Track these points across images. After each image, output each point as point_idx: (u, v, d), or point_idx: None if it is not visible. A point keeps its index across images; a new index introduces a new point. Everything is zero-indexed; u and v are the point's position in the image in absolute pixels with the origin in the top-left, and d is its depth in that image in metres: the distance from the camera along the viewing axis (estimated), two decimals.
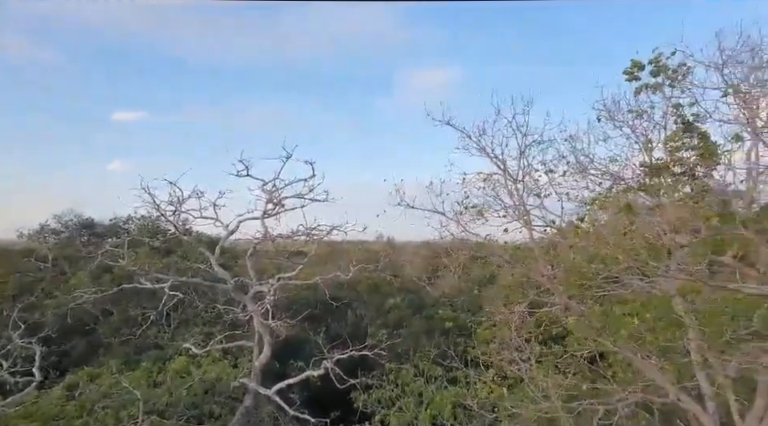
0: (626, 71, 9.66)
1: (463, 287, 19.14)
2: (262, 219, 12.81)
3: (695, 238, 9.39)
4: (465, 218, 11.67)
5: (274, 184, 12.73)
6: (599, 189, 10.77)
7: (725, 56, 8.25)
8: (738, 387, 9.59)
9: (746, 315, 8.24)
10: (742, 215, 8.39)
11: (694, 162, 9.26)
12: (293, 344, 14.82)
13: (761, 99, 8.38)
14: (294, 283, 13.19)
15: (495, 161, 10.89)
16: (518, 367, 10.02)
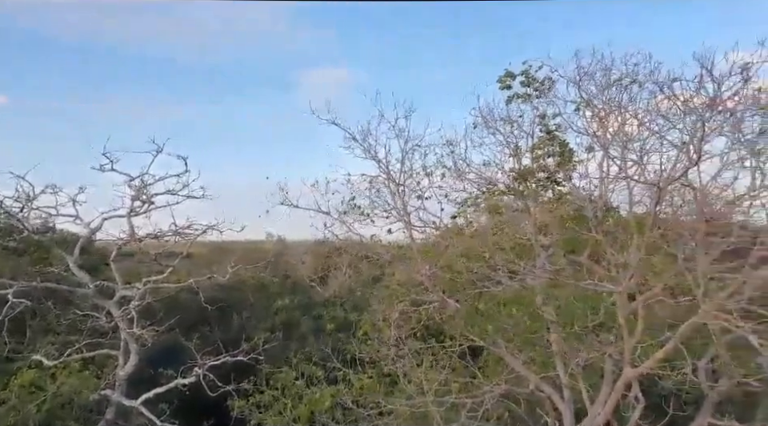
0: (499, 80, 10.26)
1: (353, 286, 19.17)
2: (128, 218, 11.79)
3: (557, 239, 10.24)
4: (349, 218, 11.66)
5: (142, 180, 11.79)
6: (476, 192, 11.35)
7: (581, 73, 9.00)
8: (591, 375, 10.57)
9: (593, 310, 9.12)
10: (593, 219, 9.24)
11: (554, 169, 10.07)
12: (167, 351, 13.88)
13: (610, 114, 9.25)
14: (167, 286, 12.30)
15: (379, 163, 10.99)
16: (395, 365, 10.22)
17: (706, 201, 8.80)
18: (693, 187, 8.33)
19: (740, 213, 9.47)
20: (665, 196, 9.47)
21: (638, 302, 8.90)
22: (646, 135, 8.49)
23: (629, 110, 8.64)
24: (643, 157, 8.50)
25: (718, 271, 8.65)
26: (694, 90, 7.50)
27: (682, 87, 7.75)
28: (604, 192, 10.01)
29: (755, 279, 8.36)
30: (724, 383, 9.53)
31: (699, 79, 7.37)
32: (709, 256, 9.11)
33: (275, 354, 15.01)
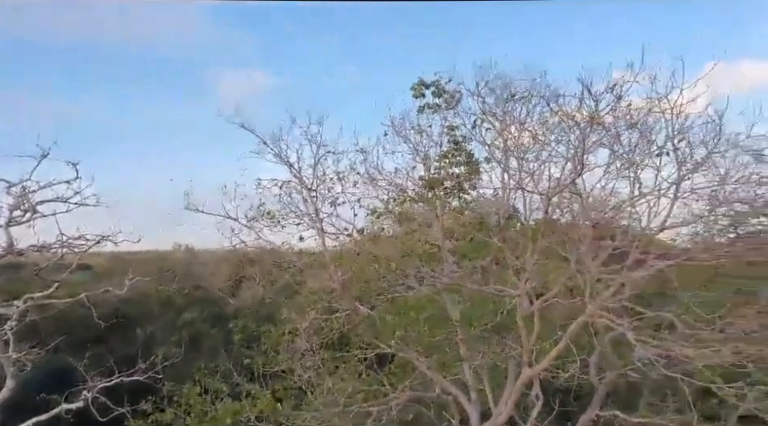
0: (412, 88, 10.57)
1: (266, 296, 18.64)
2: (5, 228, 10.58)
3: (462, 245, 10.68)
4: (259, 224, 11.39)
5: (24, 186, 10.65)
6: (388, 198, 11.54)
7: (482, 87, 9.51)
8: (497, 376, 11.05)
9: (495, 313, 9.60)
10: (495, 226, 9.78)
11: (461, 178, 10.52)
12: (53, 374, 12.68)
13: (509, 127, 9.82)
14: (54, 302, 11.19)
15: (290, 168, 10.85)
16: (305, 376, 10.09)
17: (591, 208, 9.60)
18: (579, 196, 9.03)
19: (623, 219, 10.44)
20: (557, 204, 10.25)
21: (535, 304, 9.48)
22: (538, 147, 9.09)
23: (525, 123, 9.23)
24: (535, 168, 9.10)
25: (604, 272, 9.46)
26: (575, 106, 8.19)
27: (565, 103, 8.44)
28: (505, 200, 10.59)
29: (632, 280, 9.25)
30: (610, 376, 10.37)
31: (581, 96, 8.06)
32: (596, 259, 9.94)
33: (181, 370, 14.22)
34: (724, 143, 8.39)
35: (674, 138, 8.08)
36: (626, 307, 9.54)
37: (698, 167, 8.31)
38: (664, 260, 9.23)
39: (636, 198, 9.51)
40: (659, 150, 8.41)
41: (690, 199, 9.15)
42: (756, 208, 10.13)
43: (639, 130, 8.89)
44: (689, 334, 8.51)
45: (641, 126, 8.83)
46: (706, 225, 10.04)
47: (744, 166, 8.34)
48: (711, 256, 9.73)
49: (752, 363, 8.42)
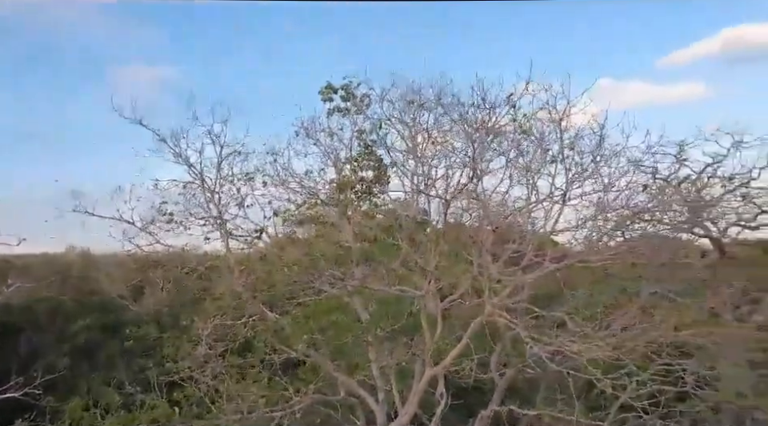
0: (321, 92, 10.50)
1: (169, 301, 17.68)
2: None
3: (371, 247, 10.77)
4: (157, 227, 10.78)
5: None
6: (299, 200, 11.38)
7: (387, 92, 9.70)
8: (406, 376, 11.23)
9: (401, 314, 9.80)
10: (403, 229, 9.95)
11: (371, 182, 10.63)
12: None
13: (418, 134, 10.08)
14: None
15: (191, 168, 10.38)
16: (206, 383, 9.67)
17: (492, 213, 10.10)
18: (479, 200, 9.45)
19: (522, 223, 11.06)
20: (466, 208, 10.65)
21: (438, 305, 9.79)
22: (442, 154, 9.41)
23: (431, 130, 9.52)
24: (438, 173, 9.44)
25: (504, 274, 9.96)
26: (474, 114, 8.59)
27: (465, 111, 8.82)
28: (414, 204, 10.84)
29: (528, 281, 9.83)
30: (509, 373, 10.92)
31: (479, 105, 8.46)
32: (497, 262, 10.45)
33: (70, 383, 13.12)
34: (608, 153, 9.22)
35: (563, 149, 8.69)
36: (525, 307, 10.16)
37: (584, 176, 9.02)
38: (558, 262, 9.90)
39: (533, 204, 10.13)
40: (551, 159, 9.00)
41: (580, 205, 9.94)
42: (637, 213, 11.17)
43: (535, 140, 9.49)
44: (579, 331, 9.15)
45: (536, 136, 9.44)
46: (596, 229, 10.85)
47: (624, 174, 9.16)
48: (600, 258, 10.59)
49: (630, 357, 9.28)
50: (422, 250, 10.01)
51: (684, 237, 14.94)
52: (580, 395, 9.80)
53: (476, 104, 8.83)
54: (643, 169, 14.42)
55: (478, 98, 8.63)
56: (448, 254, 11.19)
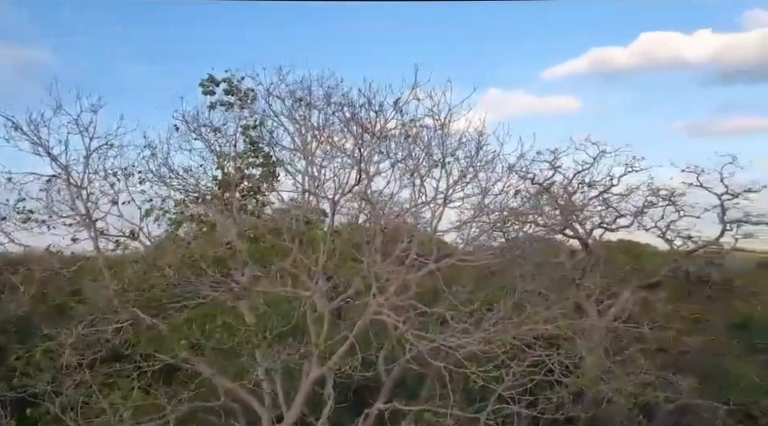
0: (202, 84, 9.98)
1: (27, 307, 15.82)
2: None
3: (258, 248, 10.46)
4: (12, 225, 9.63)
5: None
6: (180, 198, 10.72)
7: (274, 88, 9.49)
8: (294, 378, 11.03)
9: (289, 314, 9.62)
10: (291, 229, 9.76)
11: (258, 180, 10.31)
12: None
13: (308, 133, 9.96)
14: None
15: (54, 161, 9.39)
16: (68, 396, 8.77)
17: (381, 213, 10.28)
18: (368, 201, 9.57)
19: (410, 224, 11.38)
20: (361, 209, 10.71)
21: (326, 305, 9.75)
22: (332, 154, 9.40)
23: (321, 129, 9.46)
24: (327, 173, 9.42)
25: (392, 273, 10.17)
26: (363, 116, 8.70)
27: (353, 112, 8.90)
28: (306, 204, 10.70)
29: (413, 279, 10.15)
30: (396, 370, 11.17)
31: (367, 107, 8.58)
32: (385, 261, 10.65)
33: None
34: (487, 160, 9.78)
35: (444, 154, 9.08)
36: (412, 304, 10.45)
37: (465, 180, 9.51)
38: (442, 261, 10.31)
39: (420, 205, 10.47)
40: (435, 163, 9.36)
41: (462, 207, 10.45)
42: (512, 216, 11.99)
43: (421, 144, 9.81)
44: (458, 327, 9.57)
45: (423, 141, 9.75)
46: (477, 230, 11.44)
47: (500, 179, 9.78)
48: (478, 257, 11.22)
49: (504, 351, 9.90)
50: (311, 250, 9.92)
51: (556, 238, 16.39)
52: (462, 388, 10.29)
53: (365, 106, 8.92)
54: (522, 174, 15.63)
55: (367, 100, 8.72)
56: (339, 254, 11.22)
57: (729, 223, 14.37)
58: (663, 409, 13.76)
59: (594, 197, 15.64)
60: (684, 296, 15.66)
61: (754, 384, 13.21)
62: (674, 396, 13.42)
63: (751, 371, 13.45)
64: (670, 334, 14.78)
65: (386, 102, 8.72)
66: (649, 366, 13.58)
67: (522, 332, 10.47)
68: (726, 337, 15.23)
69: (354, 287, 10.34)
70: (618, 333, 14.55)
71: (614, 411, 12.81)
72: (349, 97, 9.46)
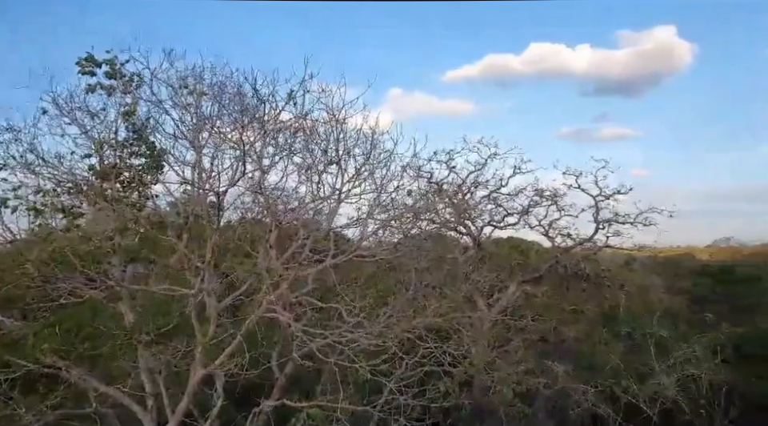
0: (79, 63, 9.13)
1: None
2: None
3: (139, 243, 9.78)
4: None
5: None
6: (51, 188, 9.71)
7: (168, 75, 8.91)
8: (180, 379, 10.46)
9: (169, 314, 9.11)
10: (179, 224, 9.24)
11: (142, 170, 9.63)
12: None
13: (198, 123, 9.44)
14: None
15: None
16: None
17: (276, 208, 10.06)
18: (261, 194, 9.32)
19: (308, 219, 11.24)
20: (263, 204, 10.33)
21: (215, 303, 9.35)
22: (222, 145, 9.03)
23: (211, 119, 9.03)
24: (216, 165, 9.04)
25: (285, 269, 9.99)
26: (256, 107, 8.45)
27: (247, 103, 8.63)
28: (196, 197, 10.15)
29: (309, 275, 10.05)
30: (289, 367, 11.02)
31: (262, 99, 8.34)
32: (280, 257, 10.44)
33: None
34: (384, 158, 9.92)
35: (338, 150, 9.08)
36: (308, 300, 10.34)
37: (362, 177, 9.57)
38: (340, 257, 10.29)
39: (317, 201, 10.38)
40: (331, 160, 9.32)
41: (359, 203, 10.51)
42: (406, 213, 12.30)
43: (319, 141, 9.72)
44: (352, 322, 9.63)
45: (320, 137, 9.67)
46: (374, 226, 11.57)
47: (395, 177, 9.97)
48: (373, 253, 11.37)
49: (396, 344, 10.12)
50: (199, 246, 9.46)
51: (450, 235, 17.11)
52: (356, 382, 10.39)
53: (261, 98, 8.65)
54: (419, 173, 16.12)
55: (263, 91, 8.47)
56: (232, 250, 10.80)
57: (601, 222, 15.86)
58: (542, 394, 14.89)
59: (485, 196, 16.51)
60: (563, 289, 17.03)
61: (617, 367, 14.69)
62: (552, 382, 14.54)
63: (616, 356, 14.93)
64: (550, 324, 16.02)
65: (278, 93, 8.52)
66: (530, 355, 14.66)
67: (414, 325, 10.79)
68: (597, 326, 16.80)
69: (246, 283, 10.04)
70: (504, 325, 15.53)
71: (498, 398, 13.63)
72: (242, 87, 9.13)
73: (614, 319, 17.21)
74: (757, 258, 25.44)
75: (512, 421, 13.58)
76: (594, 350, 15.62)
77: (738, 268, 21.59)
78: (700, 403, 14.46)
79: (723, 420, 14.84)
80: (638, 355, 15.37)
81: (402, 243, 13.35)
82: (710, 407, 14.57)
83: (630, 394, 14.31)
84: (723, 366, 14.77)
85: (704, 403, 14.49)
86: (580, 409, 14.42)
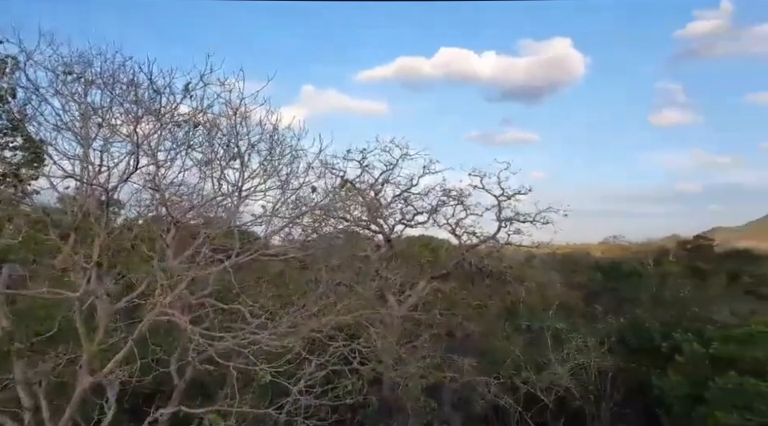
0: None
1: None
2: None
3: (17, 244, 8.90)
4: None
5: None
6: None
7: (52, 61, 8.16)
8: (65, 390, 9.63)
9: (52, 318, 8.37)
10: (60, 223, 8.51)
11: (18, 164, 8.76)
12: None
13: (87, 113, 8.73)
14: None
15: None
16: None
17: (175, 206, 9.55)
18: (157, 191, 8.81)
19: (209, 217, 10.79)
20: (165, 201, 9.70)
21: (106, 307, 8.73)
22: (111, 138, 8.44)
23: (102, 111, 8.40)
24: (105, 159, 8.45)
25: (184, 269, 9.51)
26: (152, 99, 7.97)
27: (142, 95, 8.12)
28: (81, 193, 9.40)
29: (210, 276, 9.66)
30: (189, 372, 10.54)
31: (159, 91, 7.88)
32: (178, 256, 9.94)
33: None
34: (292, 154, 9.74)
35: (238, 145, 8.81)
36: (209, 302, 9.92)
37: (267, 174, 9.33)
38: (243, 256, 9.96)
39: (220, 198, 9.98)
40: (234, 155, 9.00)
41: (264, 201, 10.24)
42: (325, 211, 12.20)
43: (221, 134, 9.34)
44: (256, 323, 9.39)
45: (223, 132, 9.30)
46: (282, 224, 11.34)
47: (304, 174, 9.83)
48: (287, 251, 11.16)
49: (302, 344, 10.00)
50: (88, 245, 8.78)
51: (363, 233, 17.23)
52: (263, 385, 10.12)
53: (156, 89, 8.14)
54: (333, 171, 16.09)
55: (159, 82, 7.98)
56: (129, 249, 10.11)
57: (503, 220, 16.67)
58: (449, 388, 15.40)
59: (396, 195, 16.80)
60: (469, 285, 17.71)
61: (518, 360, 15.54)
62: (458, 376, 15.08)
63: (517, 349, 15.78)
64: (457, 320, 16.62)
65: (176, 86, 8.08)
66: (437, 350, 15.10)
67: (323, 324, 10.72)
68: (500, 320, 17.66)
69: (142, 285, 9.45)
70: (414, 320, 15.88)
71: (405, 393, 13.92)
72: (136, 77, 8.55)
73: (516, 313, 18.18)
74: (641, 255, 28.04)
75: (418, 415, 13.93)
76: (497, 343, 16.40)
77: (623, 265, 23.64)
78: (589, 390, 15.66)
79: (608, 404, 16.16)
80: (536, 347, 16.34)
81: (313, 241, 13.24)
82: (597, 392, 15.82)
83: (529, 384, 15.18)
84: (609, 355, 16.07)
85: (593, 389, 15.71)
86: (484, 401, 15.07)
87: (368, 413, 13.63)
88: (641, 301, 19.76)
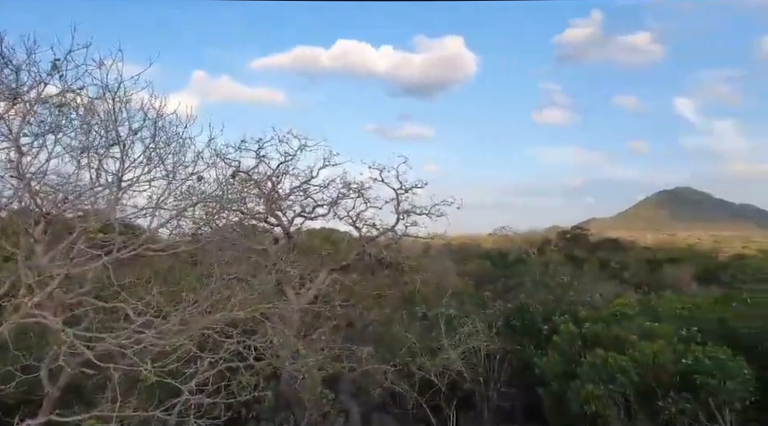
0: None
1: None
2: None
3: None
4: None
5: None
6: None
7: None
8: None
9: None
10: None
11: None
12: None
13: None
14: None
15: None
16: None
17: (44, 196, 8.67)
18: (21, 179, 7.95)
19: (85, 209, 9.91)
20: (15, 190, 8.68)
21: None
22: None
23: None
24: None
25: (57, 266, 8.68)
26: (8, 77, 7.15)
27: None
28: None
29: (88, 272, 8.92)
30: (64, 377, 9.67)
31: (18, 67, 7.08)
32: (49, 253, 9.05)
33: None
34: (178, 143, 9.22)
35: (117, 131, 8.19)
36: (87, 300, 9.15)
37: (152, 163, 8.75)
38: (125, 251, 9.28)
39: (98, 189, 9.19)
40: (113, 141, 8.35)
41: (149, 191, 9.60)
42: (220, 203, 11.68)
43: (99, 121, 8.60)
44: (141, 321, 8.81)
45: (100, 117, 8.56)
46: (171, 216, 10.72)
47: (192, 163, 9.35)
48: (174, 245, 10.56)
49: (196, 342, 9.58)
50: None
51: (261, 225, 16.83)
52: (150, 386, 9.55)
53: (15, 67, 7.27)
54: (227, 161, 15.50)
55: (19, 58, 7.13)
56: None
57: (401, 213, 17.15)
58: (347, 378, 15.61)
59: (296, 187, 16.58)
60: (369, 276, 18.05)
61: (413, 346, 16.11)
62: (356, 366, 15.31)
63: (413, 336, 16.36)
64: (357, 310, 16.86)
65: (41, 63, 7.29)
66: (336, 341, 15.23)
67: (215, 320, 10.34)
68: (398, 309, 18.20)
69: (7, 285, 8.49)
70: (314, 313, 15.86)
71: (302, 387, 13.89)
72: None
73: (413, 301, 18.82)
74: (526, 245, 30.43)
75: (316, 407, 13.96)
76: (395, 332, 16.87)
77: (510, 254, 25.51)
78: (479, 372, 16.64)
79: (497, 385, 17.31)
80: (431, 334, 17.05)
81: (204, 235, 12.69)
82: (486, 374, 16.86)
83: (424, 370, 15.80)
84: (497, 338, 17.19)
85: (482, 371, 16.71)
86: (381, 389, 15.46)
87: (264, 408, 13.41)
88: (525, 287, 21.37)
